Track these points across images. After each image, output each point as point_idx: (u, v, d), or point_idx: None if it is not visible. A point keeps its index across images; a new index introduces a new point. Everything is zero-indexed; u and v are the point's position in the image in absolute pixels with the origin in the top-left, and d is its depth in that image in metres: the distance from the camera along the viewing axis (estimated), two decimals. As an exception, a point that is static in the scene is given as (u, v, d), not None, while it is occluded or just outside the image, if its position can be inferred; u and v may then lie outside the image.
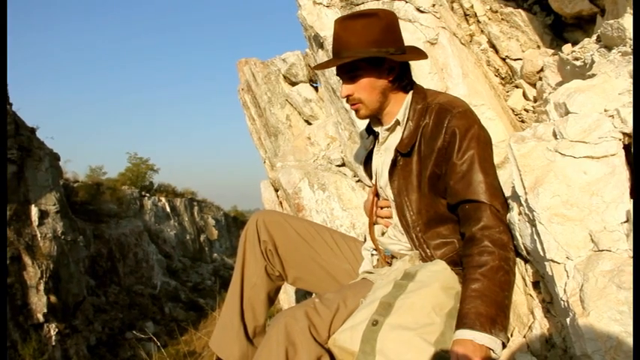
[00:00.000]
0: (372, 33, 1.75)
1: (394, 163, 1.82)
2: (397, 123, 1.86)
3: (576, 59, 2.01)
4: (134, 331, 11.07)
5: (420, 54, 1.90)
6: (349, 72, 1.81)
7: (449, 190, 1.71)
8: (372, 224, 2.00)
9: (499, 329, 1.46)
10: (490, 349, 1.44)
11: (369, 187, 2.12)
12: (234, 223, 29.99)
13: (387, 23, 1.78)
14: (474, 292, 1.51)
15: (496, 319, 1.46)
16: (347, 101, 1.87)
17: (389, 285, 1.66)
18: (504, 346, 1.50)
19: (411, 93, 1.87)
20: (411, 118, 1.81)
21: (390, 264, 1.89)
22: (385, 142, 1.93)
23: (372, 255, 2.00)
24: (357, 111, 1.87)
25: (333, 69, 3.07)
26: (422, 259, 1.79)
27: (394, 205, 1.86)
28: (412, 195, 1.79)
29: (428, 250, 1.77)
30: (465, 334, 1.45)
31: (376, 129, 1.98)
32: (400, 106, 1.85)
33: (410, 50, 1.86)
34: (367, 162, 2.14)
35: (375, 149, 2.00)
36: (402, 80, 1.86)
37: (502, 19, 3.02)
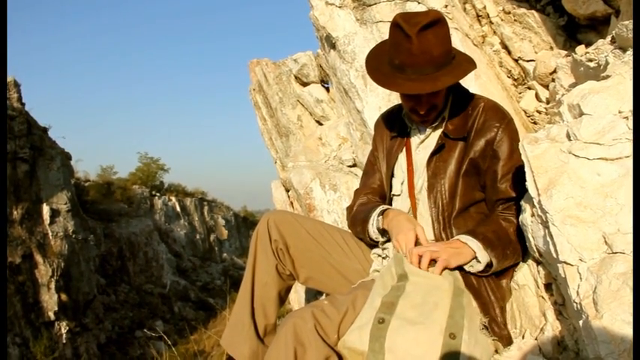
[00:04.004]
0: (448, 40, 1.73)
1: (440, 148, 1.84)
2: (443, 119, 1.90)
3: (590, 60, 2.00)
4: (145, 330, 11.12)
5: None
6: None
7: (492, 189, 1.78)
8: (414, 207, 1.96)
9: (492, 252, 1.64)
10: (475, 257, 1.64)
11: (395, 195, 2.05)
12: (243, 223, 30.04)
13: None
14: (483, 226, 1.72)
15: (496, 245, 1.65)
16: (425, 112, 1.81)
17: (386, 288, 1.64)
18: (491, 266, 1.65)
19: None
20: (453, 109, 1.87)
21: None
22: (426, 140, 1.93)
23: (383, 259, 1.99)
24: (428, 119, 1.87)
25: (343, 69, 3.06)
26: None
27: (426, 185, 1.87)
28: (447, 179, 1.82)
29: (451, 236, 1.79)
30: (462, 237, 1.68)
31: (412, 126, 1.99)
32: (445, 104, 1.90)
33: None
34: (391, 162, 2.04)
35: (415, 148, 1.97)
36: None
37: (515, 20, 3.01)
